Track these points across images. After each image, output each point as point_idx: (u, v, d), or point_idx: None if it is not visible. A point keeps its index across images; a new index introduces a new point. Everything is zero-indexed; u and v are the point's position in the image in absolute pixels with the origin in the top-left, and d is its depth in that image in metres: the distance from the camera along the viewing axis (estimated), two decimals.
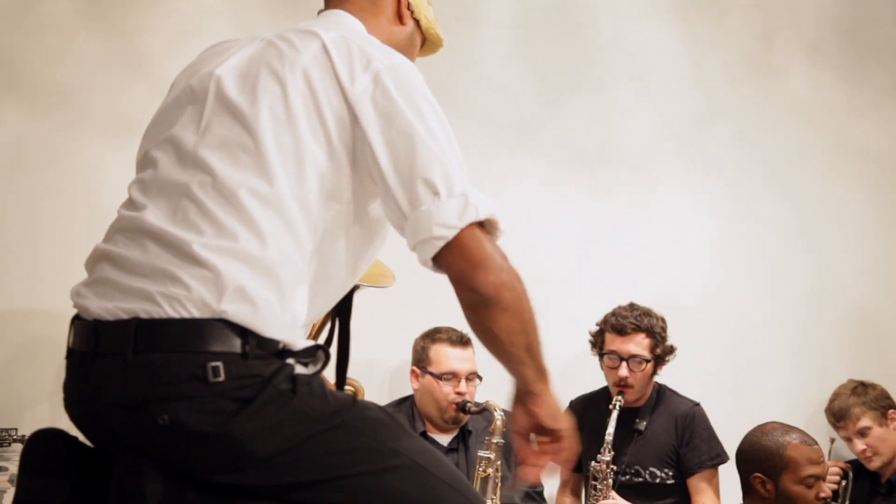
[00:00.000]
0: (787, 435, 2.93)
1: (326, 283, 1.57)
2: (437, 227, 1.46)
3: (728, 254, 4.19)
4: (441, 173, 1.48)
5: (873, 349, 4.23)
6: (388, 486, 1.46)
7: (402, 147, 1.49)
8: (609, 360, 3.43)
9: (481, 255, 1.46)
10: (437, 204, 1.47)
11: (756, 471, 2.93)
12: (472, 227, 1.47)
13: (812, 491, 2.87)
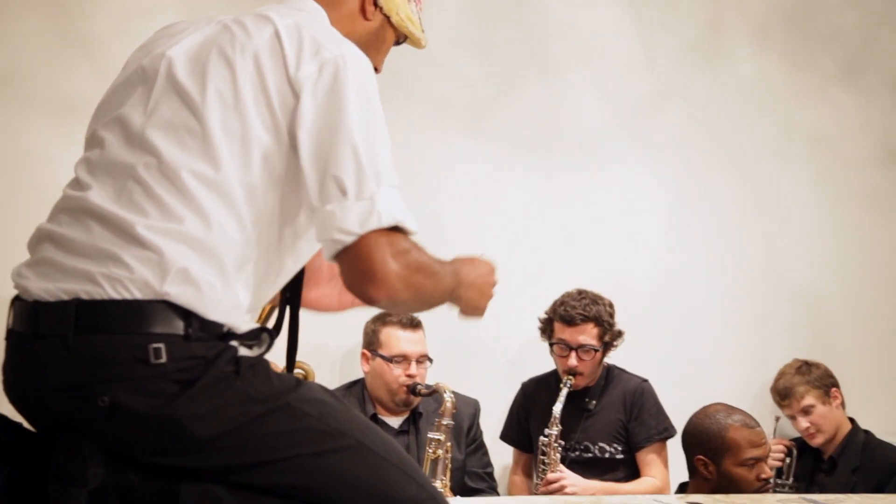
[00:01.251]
0: (729, 418, 2.97)
1: (272, 267, 1.57)
2: (336, 232, 1.44)
3: (676, 235, 4.23)
4: (354, 173, 1.45)
5: (818, 329, 4.31)
6: (332, 467, 1.46)
7: (325, 140, 1.47)
8: (559, 349, 3.48)
9: (372, 268, 1.43)
10: (342, 206, 1.44)
11: (699, 453, 2.98)
12: (371, 235, 1.44)
13: (752, 472, 2.92)
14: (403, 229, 1.47)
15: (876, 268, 4.41)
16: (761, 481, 2.91)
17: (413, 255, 1.48)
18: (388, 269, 1.44)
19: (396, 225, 1.46)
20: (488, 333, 3.95)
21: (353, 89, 1.50)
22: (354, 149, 1.46)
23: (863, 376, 4.20)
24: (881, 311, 4.40)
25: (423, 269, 1.49)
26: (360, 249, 1.44)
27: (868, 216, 4.44)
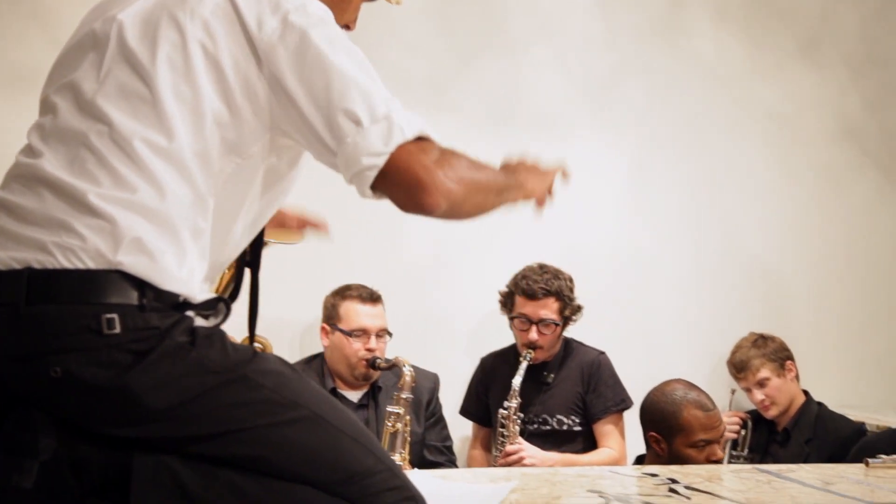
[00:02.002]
0: (685, 398, 2.98)
1: (228, 235, 1.55)
2: (365, 158, 1.42)
3: (636, 210, 4.26)
4: (361, 100, 1.44)
5: (774, 303, 4.36)
6: (288, 439, 1.45)
7: (318, 82, 1.45)
8: (519, 322, 3.49)
9: (416, 178, 1.41)
10: (362, 133, 1.42)
11: (652, 430, 3.00)
12: (401, 149, 1.42)
13: (703, 454, 2.95)
14: (429, 139, 1.46)
15: (831, 243, 4.47)
16: (710, 462, 2.93)
17: (448, 156, 1.46)
18: (435, 174, 1.42)
19: (420, 135, 1.45)
20: (448, 307, 3.97)
21: (324, 29, 1.48)
22: (352, 79, 1.45)
23: (817, 349, 4.27)
24: (836, 286, 4.46)
25: (470, 166, 1.49)
26: (396, 166, 1.42)
27: (824, 192, 4.49)
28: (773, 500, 2.22)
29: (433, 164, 1.43)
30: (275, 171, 1.57)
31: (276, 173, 1.58)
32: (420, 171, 1.42)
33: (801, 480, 2.50)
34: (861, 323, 4.46)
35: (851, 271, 4.48)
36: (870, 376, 4.36)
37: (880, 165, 4.56)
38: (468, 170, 1.48)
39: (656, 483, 2.41)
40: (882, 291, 4.51)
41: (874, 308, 4.49)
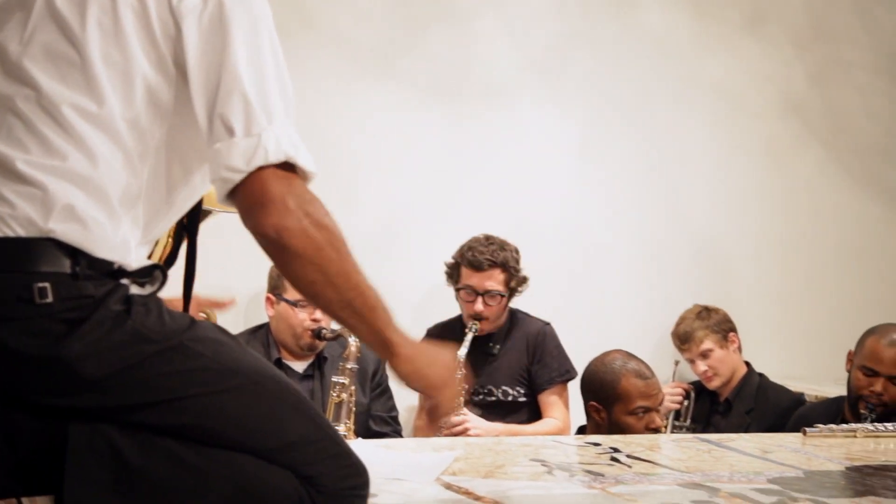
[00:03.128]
0: (624, 367, 3.02)
1: (163, 201, 1.52)
2: (224, 171, 1.40)
3: (582, 182, 4.27)
4: (241, 111, 1.40)
5: (718, 275, 4.41)
6: (227, 407, 1.44)
7: (213, 76, 1.42)
8: (465, 294, 3.50)
9: (264, 198, 1.38)
10: (229, 144, 1.40)
11: (592, 399, 3.03)
12: (263, 171, 1.39)
13: (642, 422, 2.99)
14: (298, 168, 1.43)
15: (775, 217, 4.53)
16: (650, 430, 2.98)
17: (316, 206, 1.42)
18: (283, 202, 1.38)
19: (287, 161, 1.41)
20: (395, 279, 3.95)
21: (241, 19, 1.44)
22: (241, 84, 1.41)
23: (760, 321, 4.33)
24: (779, 259, 4.52)
25: (328, 230, 1.42)
26: (252, 184, 1.39)
27: (768, 166, 4.54)
28: (712, 468, 2.25)
29: (289, 196, 1.39)
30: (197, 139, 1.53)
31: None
32: (269, 192, 1.38)
33: (740, 449, 2.54)
34: (802, 296, 4.53)
35: (794, 245, 4.54)
36: (810, 348, 4.44)
37: (823, 141, 4.62)
38: (327, 238, 1.42)
39: (598, 452, 2.44)
40: (823, 265, 4.58)
41: (815, 281, 4.56)
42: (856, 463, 2.41)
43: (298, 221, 1.39)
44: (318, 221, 1.42)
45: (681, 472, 2.23)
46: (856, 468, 2.36)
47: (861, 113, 4.68)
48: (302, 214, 1.40)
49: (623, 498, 1.92)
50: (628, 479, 2.12)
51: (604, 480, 2.08)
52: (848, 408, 3.25)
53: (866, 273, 4.62)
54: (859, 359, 3.22)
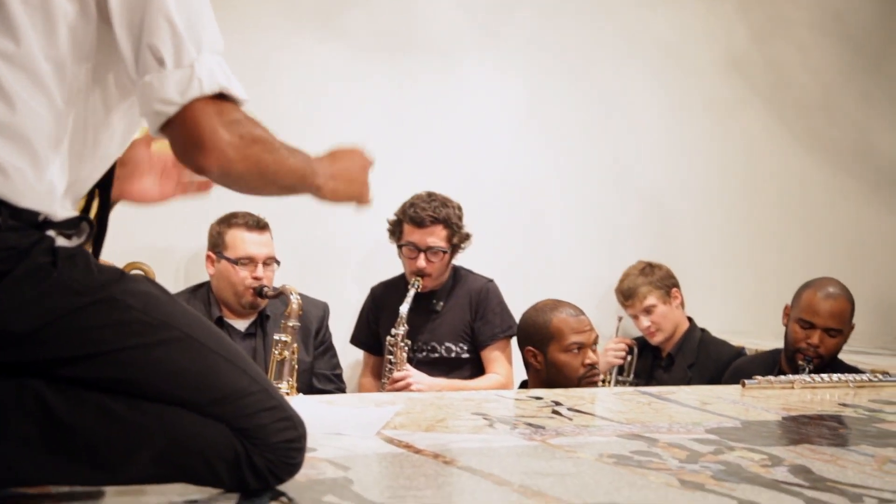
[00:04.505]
0: (555, 309, 3.06)
1: (90, 147, 1.47)
2: (157, 103, 1.37)
3: (526, 138, 4.27)
4: (170, 41, 1.38)
5: (661, 232, 4.44)
6: (159, 360, 1.42)
7: (137, 7, 1.38)
8: (407, 250, 3.49)
9: (200, 137, 1.37)
10: (161, 76, 1.37)
11: (528, 345, 3.07)
12: (196, 103, 1.37)
13: (578, 358, 3.03)
14: (231, 97, 1.41)
15: (717, 173, 4.56)
16: (586, 366, 3.01)
17: (246, 125, 1.42)
18: (219, 137, 1.38)
19: (222, 92, 1.39)
20: (337, 236, 3.93)
21: None
22: (168, 14, 1.37)
23: (702, 277, 4.37)
24: (721, 216, 4.56)
25: (261, 142, 1.43)
26: (184, 119, 1.37)
27: (711, 122, 4.56)
28: (651, 420, 2.27)
29: (222, 128, 1.38)
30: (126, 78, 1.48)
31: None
32: (206, 132, 1.37)
33: (679, 401, 2.57)
34: (744, 252, 4.59)
35: (735, 202, 4.59)
36: (751, 303, 4.50)
37: (765, 98, 4.66)
38: (262, 149, 1.43)
39: (540, 405, 2.45)
40: (765, 222, 4.63)
41: (757, 237, 4.62)
42: (792, 413, 2.45)
43: (235, 150, 1.39)
44: (251, 139, 1.42)
45: (621, 423, 2.24)
46: (792, 418, 2.39)
47: (802, 70, 4.72)
48: (237, 141, 1.40)
49: (563, 449, 1.93)
50: (569, 431, 2.13)
51: (544, 433, 2.09)
52: (785, 360, 3.30)
53: (807, 229, 4.69)
54: (796, 312, 3.27)
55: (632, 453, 1.90)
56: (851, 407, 2.56)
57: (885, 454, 1.97)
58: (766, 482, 1.70)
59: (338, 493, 1.54)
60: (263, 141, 1.44)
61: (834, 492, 1.65)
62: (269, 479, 1.48)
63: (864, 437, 2.15)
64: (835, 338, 3.22)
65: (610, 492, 1.62)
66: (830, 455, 1.95)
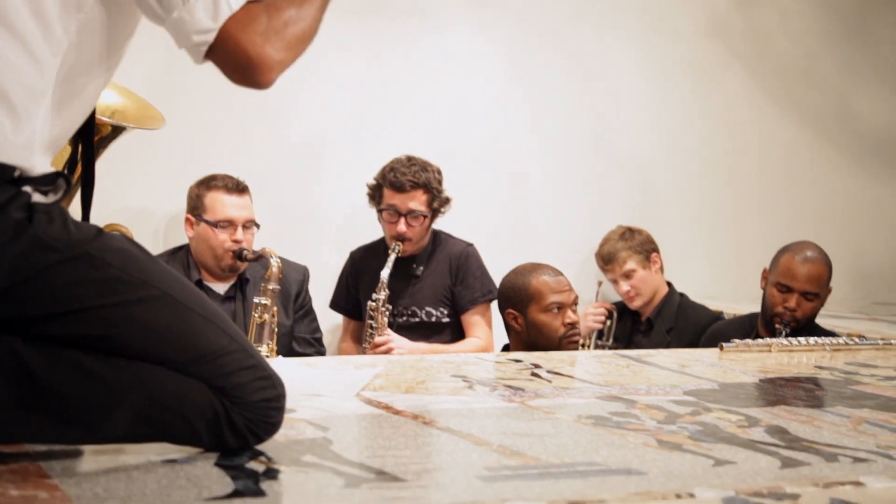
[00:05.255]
0: (534, 271, 3.09)
1: (71, 96, 1.43)
2: (194, 35, 1.39)
3: (507, 103, 4.25)
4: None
5: (641, 196, 4.45)
6: (137, 318, 1.41)
7: None
8: (388, 215, 3.48)
9: (248, 57, 1.40)
10: (188, 8, 1.38)
11: (508, 307, 3.09)
12: (229, 23, 1.39)
13: (557, 318, 3.06)
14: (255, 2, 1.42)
15: (698, 138, 4.57)
16: (566, 326, 3.04)
17: (274, 18, 1.43)
18: (264, 52, 1.41)
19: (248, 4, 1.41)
20: (317, 200, 3.92)
21: None
22: None
23: (681, 242, 4.39)
24: (701, 181, 4.57)
25: (290, 22, 1.45)
26: (225, 43, 1.40)
27: (692, 87, 4.56)
28: (630, 382, 2.29)
29: (259, 38, 1.41)
30: (117, 20, 1.46)
31: (118, 22, 1.46)
32: (249, 50, 1.40)
33: (658, 364, 2.58)
34: (723, 216, 4.60)
35: (715, 167, 4.59)
36: (730, 268, 4.52)
37: (746, 63, 4.65)
38: (295, 27, 1.46)
39: (520, 368, 2.46)
40: (744, 187, 4.65)
41: (736, 202, 4.63)
42: (769, 375, 2.47)
43: (280, 51, 1.43)
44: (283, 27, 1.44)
45: (600, 386, 2.26)
46: (769, 380, 2.41)
47: (783, 35, 4.71)
48: (277, 42, 1.43)
49: (542, 411, 1.94)
50: (548, 392, 2.14)
51: (523, 394, 2.10)
52: (762, 324, 3.33)
53: (785, 194, 4.71)
54: (774, 276, 3.29)
55: (610, 414, 1.91)
56: (827, 369, 2.58)
57: (860, 415, 1.99)
58: (743, 442, 1.72)
59: (317, 453, 1.54)
60: (293, 20, 1.46)
61: (809, 451, 1.67)
62: (248, 438, 1.48)
63: (840, 399, 2.17)
64: (812, 301, 3.24)
65: (588, 452, 1.62)
66: (806, 416, 1.96)
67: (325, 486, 1.37)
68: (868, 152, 4.86)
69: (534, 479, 1.44)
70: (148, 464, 1.42)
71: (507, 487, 1.40)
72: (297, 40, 1.46)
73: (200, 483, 1.35)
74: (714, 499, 1.38)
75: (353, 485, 1.38)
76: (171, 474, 1.38)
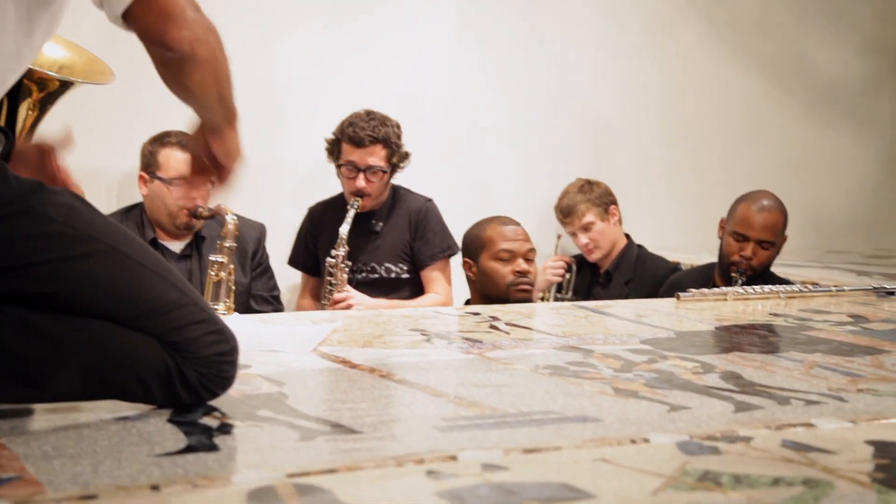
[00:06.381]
0: (491, 221, 3.13)
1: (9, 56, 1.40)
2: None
3: (466, 56, 4.22)
4: None
5: (600, 149, 4.45)
6: (83, 273, 1.38)
7: None
8: (346, 170, 3.45)
9: (172, 9, 1.38)
10: None
11: (465, 257, 3.12)
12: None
13: (507, 266, 3.09)
14: None
15: (654, 90, 4.57)
16: (515, 274, 3.07)
17: (199, 7, 1.43)
18: (189, 13, 1.39)
19: None
20: (274, 156, 3.87)
21: None
22: None
23: (639, 194, 4.40)
24: (659, 134, 4.58)
25: (215, 35, 1.45)
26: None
27: (650, 39, 4.55)
28: (587, 333, 2.29)
29: (188, 6, 1.40)
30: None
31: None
32: (176, 3, 1.39)
33: (616, 314, 2.60)
34: (681, 169, 4.62)
35: (672, 119, 4.60)
36: (688, 219, 4.55)
37: (703, 13, 4.65)
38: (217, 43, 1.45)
39: (478, 321, 2.46)
40: (700, 139, 4.66)
41: (692, 155, 4.65)
42: (725, 323, 2.49)
43: (201, 29, 1.41)
44: (210, 27, 1.43)
45: (557, 336, 2.26)
46: (724, 328, 2.44)
47: None
48: (204, 21, 1.41)
49: (500, 362, 1.94)
50: (506, 344, 2.14)
51: (481, 346, 2.10)
52: (719, 273, 3.35)
53: (742, 145, 4.73)
54: (731, 225, 3.31)
55: (567, 364, 1.92)
56: (782, 316, 2.61)
57: (812, 359, 2.02)
58: (698, 388, 1.73)
59: (272, 407, 1.53)
60: (215, 31, 1.45)
61: (763, 395, 1.69)
62: (201, 394, 1.47)
63: (793, 345, 2.19)
64: (767, 250, 3.27)
65: (545, 401, 1.63)
66: (760, 362, 1.98)
67: (280, 440, 1.37)
68: (824, 102, 4.89)
69: (490, 429, 1.45)
70: (99, 422, 1.41)
71: (463, 437, 1.40)
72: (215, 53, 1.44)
73: (153, 439, 1.33)
74: (668, 443, 1.39)
75: (309, 438, 1.38)
76: (123, 431, 1.36)
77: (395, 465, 1.27)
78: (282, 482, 1.18)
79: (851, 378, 1.84)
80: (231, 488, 1.17)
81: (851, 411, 1.60)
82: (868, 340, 2.25)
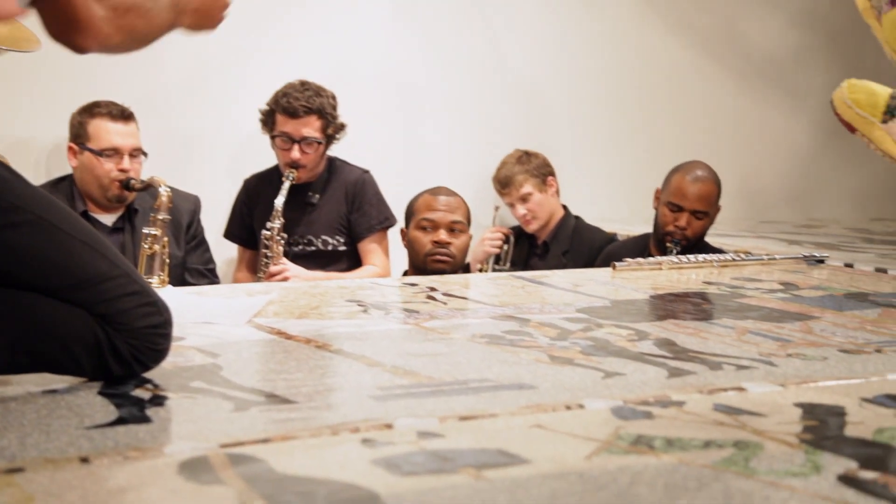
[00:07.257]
0: (427, 191, 3.16)
1: None
2: None
3: (402, 27, 4.19)
4: None
5: (538, 120, 4.45)
6: (10, 244, 1.35)
7: None
8: (281, 141, 3.41)
9: (76, 15, 1.32)
10: None
11: (403, 227, 3.17)
12: None
13: (428, 235, 3.15)
14: None
15: (592, 61, 4.57)
16: (434, 244, 3.13)
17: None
18: (93, 14, 1.33)
19: None
20: (207, 127, 3.82)
21: None
22: None
23: (577, 165, 4.42)
24: (595, 105, 4.59)
25: (133, 9, 1.38)
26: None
27: (581, 9, 4.55)
28: (524, 302, 2.31)
29: (95, 5, 1.34)
30: None
31: None
32: (81, 10, 1.32)
33: (553, 284, 2.61)
34: (618, 140, 4.65)
35: (608, 90, 4.62)
36: (623, 190, 4.58)
37: None
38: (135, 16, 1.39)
39: (415, 292, 2.46)
40: (636, 110, 4.69)
41: (628, 125, 4.67)
42: (659, 292, 2.52)
43: (110, 23, 1.35)
44: (123, 9, 1.37)
45: (494, 306, 2.27)
46: (659, 296, 2.47)
47: None
48: (111, 14, 1.35)
49: (437, 332, 1.95)
50: (443, 314, 2.14)
51: (418, 317, 2.10)
52: (654, 243, 3.39)
53: (676, 116, 4.77)
54: (665, 195, 3.34)
55: (504, 333, 1.93)
56: (715, 285, 2.65)
57: (744, 326, 2.05)
58: (632, 355, 1.75)
59: (206, 379, 1.52)
60: (135, 7, 1.39)
61: (696, 361, 1.71)
62: (133, 366, 1.45)
63: (726, 312, 2.23)
64: (701, 220, 3.31)
65: (481, 369, 1.63)
66: (694, 328, 2.01)
67: (214, 411, 1.35)
68: (756, 74, 4.95)
69: (426, 397, 1.45)
70: (27, 394, 1.38)
71: (398, 406, 1.40)
72: (132, 28, 1.39)
73: (82, 412, 1.31)
74: (603, 409, 1.41)
75: (243, 408, 1.37)
76: (52, 404, 1.34)
77: (330, 433, 1.26)
78: (215, 452, 1.17)
79: (781, 343, 1.88)
80: (163, 459, 1.16)
81: (781, 375, 1.63)
82: (798, 307, 2.29)
